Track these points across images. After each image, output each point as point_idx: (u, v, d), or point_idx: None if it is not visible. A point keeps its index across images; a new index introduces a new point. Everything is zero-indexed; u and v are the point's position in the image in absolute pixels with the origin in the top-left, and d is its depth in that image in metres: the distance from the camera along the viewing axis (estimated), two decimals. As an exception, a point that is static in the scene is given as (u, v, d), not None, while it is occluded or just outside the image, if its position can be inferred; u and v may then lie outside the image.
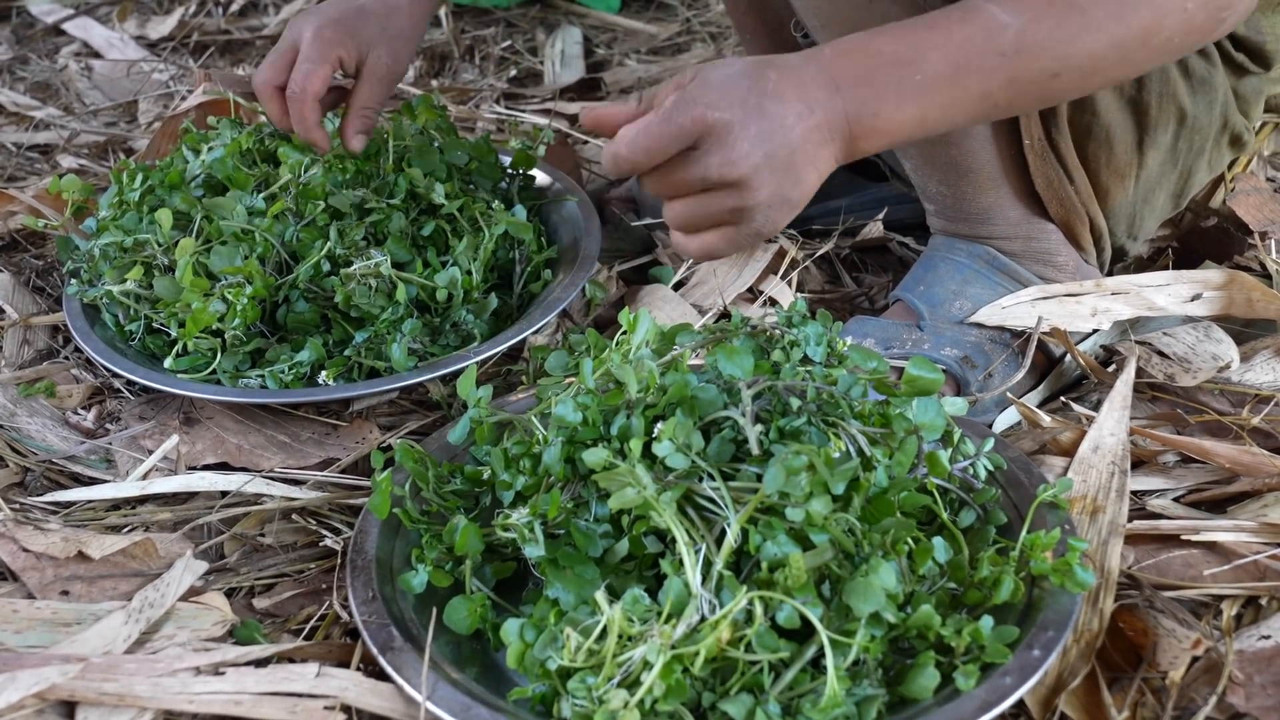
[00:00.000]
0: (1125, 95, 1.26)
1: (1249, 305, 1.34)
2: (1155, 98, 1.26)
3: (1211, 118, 1.30)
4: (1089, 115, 1.26)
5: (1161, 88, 1.26)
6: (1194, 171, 1.35)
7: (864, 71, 1.01)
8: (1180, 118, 1.28)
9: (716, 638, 0.89)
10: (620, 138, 1.01)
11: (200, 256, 1.34)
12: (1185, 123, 1.29)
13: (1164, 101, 1.26)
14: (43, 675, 0.95)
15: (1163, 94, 1.26)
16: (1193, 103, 1.28)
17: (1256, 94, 1.33)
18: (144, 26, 2.45)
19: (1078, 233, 1.33)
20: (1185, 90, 1.27)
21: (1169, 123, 1.28)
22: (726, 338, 1.09)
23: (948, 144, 1.28)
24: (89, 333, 1.38)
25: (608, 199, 1.69)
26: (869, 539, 0.95)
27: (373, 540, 1.09)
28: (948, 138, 1.27)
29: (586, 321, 1.48)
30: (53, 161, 1.94)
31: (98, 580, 1.11)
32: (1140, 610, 1.03)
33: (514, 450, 1.08)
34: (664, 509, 0.93)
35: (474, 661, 1.01)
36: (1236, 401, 1.28)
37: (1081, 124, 1.26)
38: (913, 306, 1.35)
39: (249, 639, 1.05)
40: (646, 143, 0.99)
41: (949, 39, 1.01)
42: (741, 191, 1.00)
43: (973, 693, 0.90)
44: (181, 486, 1.24)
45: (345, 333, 1.36)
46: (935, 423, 1.00)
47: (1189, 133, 1.30)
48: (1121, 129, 1.27)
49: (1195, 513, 1.15)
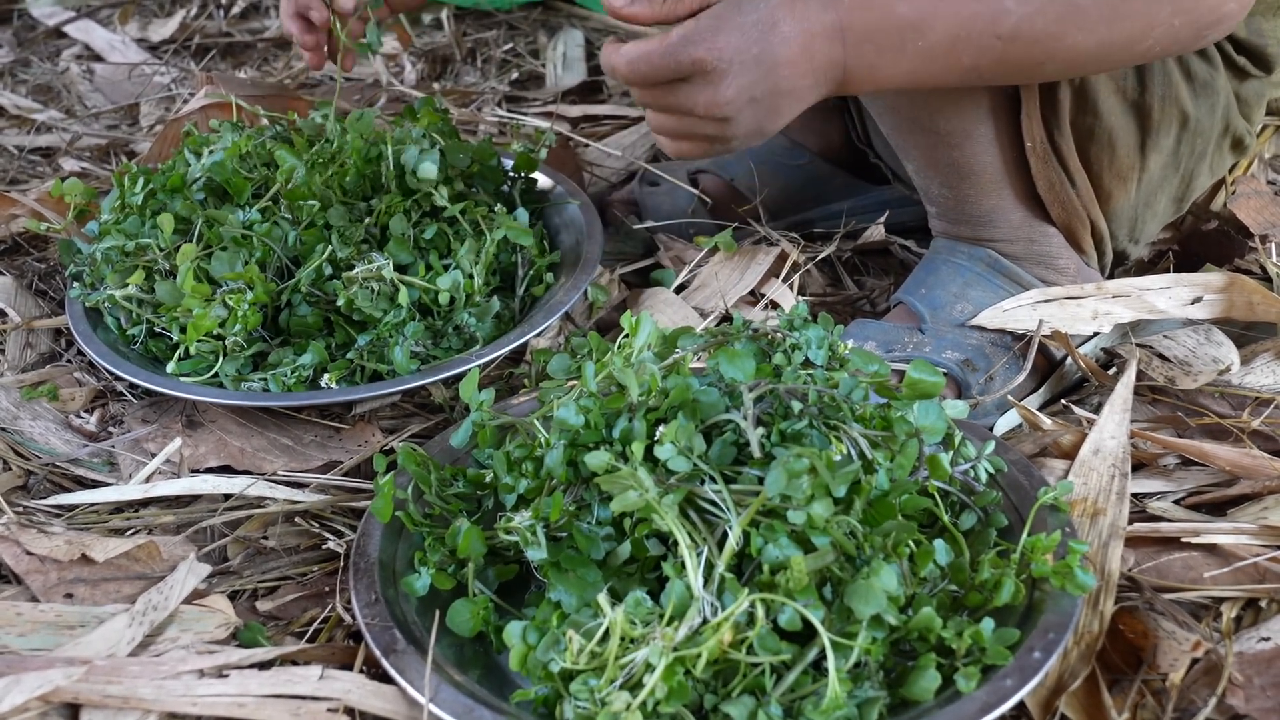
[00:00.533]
0: (1128, 98, 1.26)
1: (1249, 308, 1.35)
2: (1158, 101, 1.26)
3: (1214, 121, 1.31)
4: (1091, 118, 1.26)
5: (1164, 91, 1.26)
6: (1195, 175, 1.35)
7: (875, 28, 1.07)
8: (1183, 121, 1.29)
9: (718, 640, 0.89)
10: (623, 54, 1.09)
11: (201, 262, 1.35)
12: (1187, 126, 1.29)
13: (1166, 105, 1.27)
14: (47, 678, 0.95)
15: (1165, 97, 1.26)
16: (1195, 106, 1.28)
17: (1258, 97, 1.34)
18: (145, 29, 2.45)
19: (1079, 236, 1.33)
20: (1188, 93, 1.27)
21: (1171, 126, 1.28)
22: (728, 341, 1.10)
23: (950, 146, 1.28)
24: (91, 336, 1.39)
25: (610, 202, 1.69)
26: (870, 541, 0.95)
27: (375, 543, 1.09)
28: (949, 140, 1.27)
29: (589, 324, 1.48)
30: (55, 164, 1.94)
31: (101, 583, 1.11)
32: (1140, 612, 1.03)
33: (516, 453, 1.08)
34: (666, 512, 0.93)
35: (477, 664, 1.01)
36: (1237, 404, 1.29)
37: (1084, 126, 1.27)
38: (914, 309, 1.35)
39: (252, 641, 1.06)
40: (645, 69, 1.08)
41: (957, 14, 1.06)
42: (722, 125, 1.09)
43: (974, 694, 0.90)
44: (184, 489, 1.25)
45: (347, 336, 1.36)
46: (936, 426, 1.00)
47: (1191, 136, 1.30)
48: (1124, 132, 1.27)
49: (1195, 515, 1.15)
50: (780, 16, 1.06)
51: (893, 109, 1.30)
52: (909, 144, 1.32)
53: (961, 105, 1.25)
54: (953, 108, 1.25)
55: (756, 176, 1.61)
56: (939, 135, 1.28)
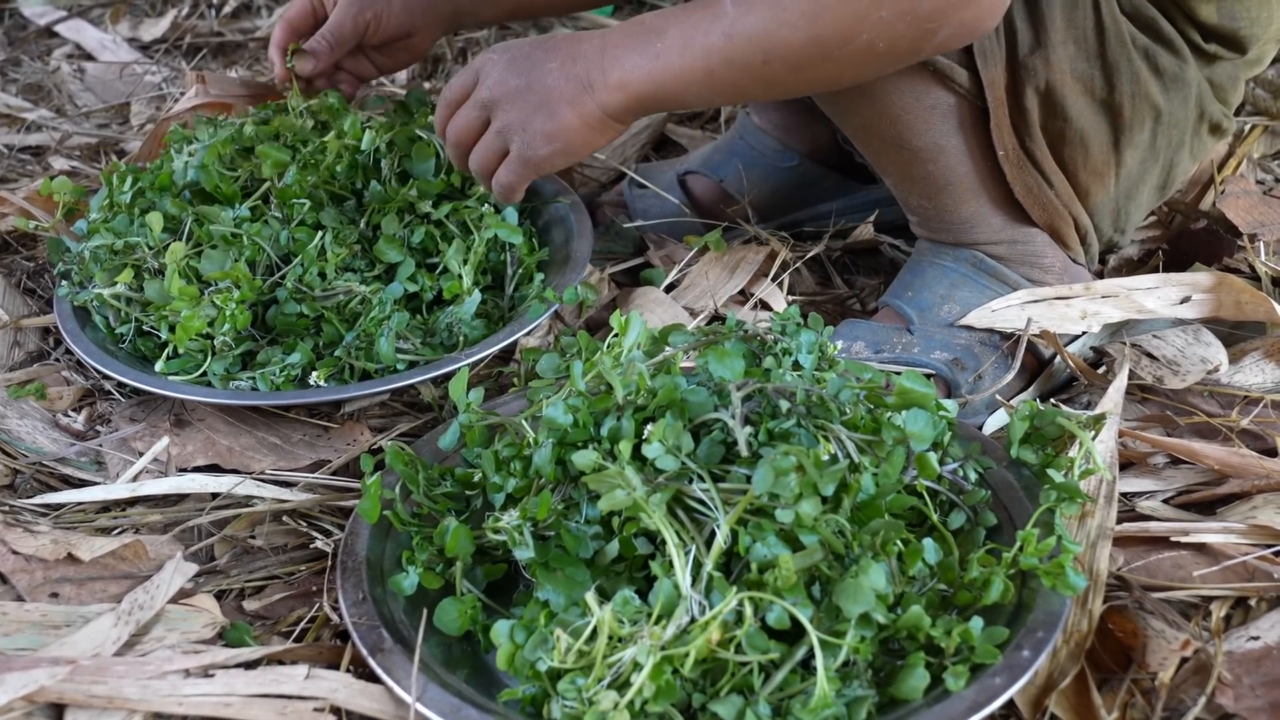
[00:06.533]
0: (1097, 98, 1.26)
1: (1238, 307, 1.35)
2: (1128, 99, 1.26)
3: (1187, 111, 1.31)
4: (1061, 121, 1.26)
5: (1133, 88, 1.26)
6: (1176, 163, 1.35)
7: (626, 38, 1.19)
8: (1155, 115, 1.29)
9: (706, 639, 0.89)
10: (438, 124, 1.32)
11: (191, 260, 1.34)
12: (1161, 119, 1.29)
13: (1137, 101, 1.27)
14: (32, 678, 0.95)
15: (1135, 94, 1.26)
16: (1166, 99, 1.28)
17: (1233, 80, 1.34)
18: (137, 28, 2.45)
19: (1063, 234, 1.33)
20: (1158, 88, 1.27)
21: (1145, 121, 1.29)
22: (719, 340, 1.09)
23: (924, 161, 1.29)
24: (80, 335, 1.38)
25: (599, 201, 1.69)
26: (859, 540, 0.95)
27: (363, 542, 1.09)
28: (921, 155, 1.28)
29: (578, 324, 1.48)
30: (44, 163, 1.93)
31: (87, 582, 1.11)
32: (1130, 611, 1.03)
33: (505, 452, 1.08)
34: (654, 511, 0.93)
35: (464, 663, 1.01)
36: (1225, 403, 1.29)
37: (1055, 130, 1.27)
38: (901, 313, 1.35)
39: (239, 641, 1.05)
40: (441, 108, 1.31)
41: (687, 18, 1.16)
42: (496, 112, 1.25)
43: (962, 693, 0.90)
44: (172, 489, 1.24)
45: (336, 334, 1.36)
46: (924, 433, 1.00)
47: (1166, 128, 1.30)
48: (1096, 131, 1.28)
49: (1184, 514, 1.15)
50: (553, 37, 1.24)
51: (865, 129, 1.31)
52: (884, 161, 1.34)
53: (930, 121, 1.26)
54: (922, 124, 1.26)
55: (746, 178, 1.61)
56: (912, 151, 1.29)
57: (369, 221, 1.41)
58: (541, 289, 1.40)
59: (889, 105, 1.26)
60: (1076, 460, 1.08)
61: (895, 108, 1.26)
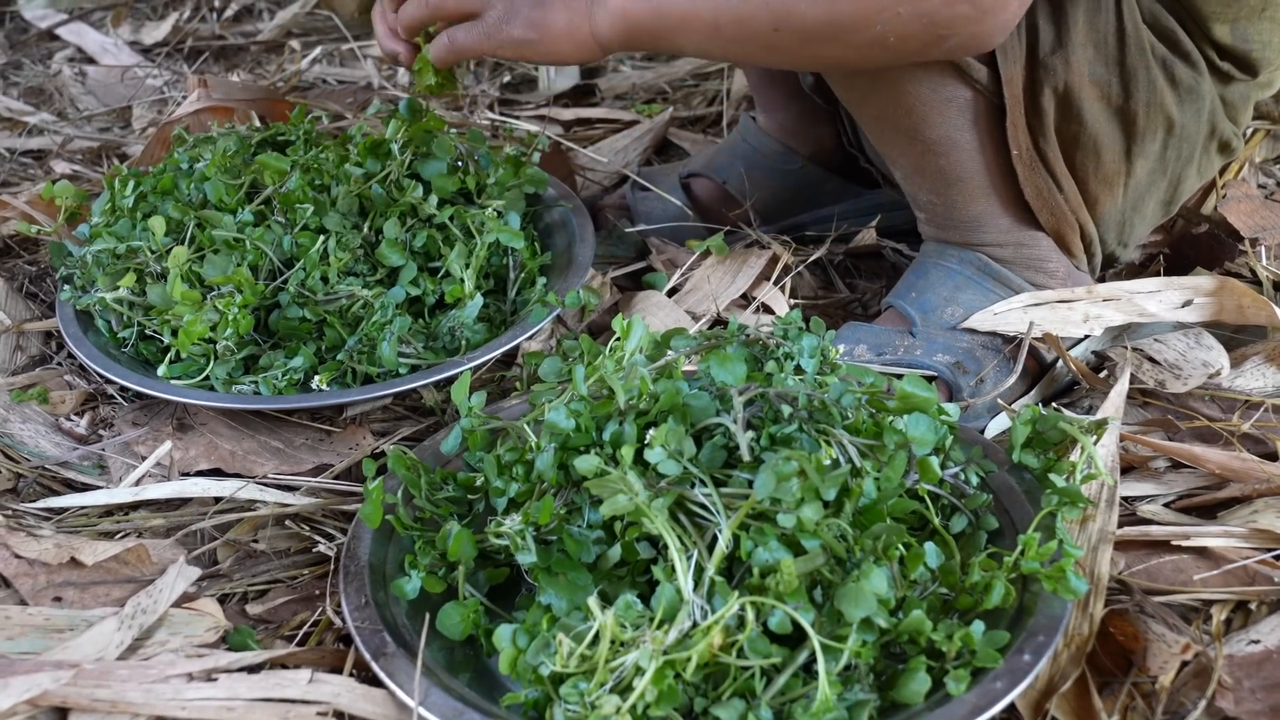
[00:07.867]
0: (1113, 105, 1.27)
1: (1239, 311, 1.35)
2: (1143, 107, 1.26)
3: (1199, 125, 1.31)
4: (1076, 125, 1.26)
5: (1149, 97, 1.26)
6: (1183, 179, 1.35)
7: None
8: (1168, 126, 1.29)
9: (708, 643, 0.89)
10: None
11: (193, 264, 1.35)
12: (1173, 131, 1.30)
13: (1151, 110, 1.27)
14: (35, 682, 0.95)
15: (1150, 103, 1.27)
16: (1180, 111, 1.29)
17: (1244, 100, 1.34)
18: (138, 32, 2.45)
19: (1068, 240, 1.33)
20: (1173, 99, 1.28)
21: (1157, 131, 1.29)
22: (721, 344, 1.10)
23: (936, 154, 1.29)
24: (82, 339, 1.38)
25: (602, 205, 1.69)
26: (860, 544, 0.95)
27: (366, 546, 1.09)
28: (934, 148, 1.28)
29: (580, 328, 1.48)
30: (46, 167, 1.93)
31: (90, 586, 1.11)
32: (1131, 615, 1.03)
33: (507, 457, 1.08)
34: (656, 515, 0.93)
35: (467, 667, 1.01)
36: (1227, 407, 1.29)
37: (1069, 134, 1.27)
38: (904, 313, 1.35)
39: (242, 645, 1.05)
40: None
41: None
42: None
43: (964, 697, 0.90)
44: (174, 493, 1.24)
45: (338, 338, 1.36)
46: (926, 437, 1.00)
47: (1177, 141, 1.31)
48: (1109, 138, 1.28)
49: (1185, 518, 1.15)
50: None
51: (879, 118, 1.30)
52: (896, 153, 1.33)
53: (945, 114, 1.26)
54: (937, 116, 1.26)
55: (748, 181, 1.62)
56: (925, 144, 1.28)
57: (371, 225, 1.42)
58: (544, 293, 1.41)
59: (905, 95, 1.25)
60: (1078, 464, 1.09)
61: (911, 98, 1.25)
